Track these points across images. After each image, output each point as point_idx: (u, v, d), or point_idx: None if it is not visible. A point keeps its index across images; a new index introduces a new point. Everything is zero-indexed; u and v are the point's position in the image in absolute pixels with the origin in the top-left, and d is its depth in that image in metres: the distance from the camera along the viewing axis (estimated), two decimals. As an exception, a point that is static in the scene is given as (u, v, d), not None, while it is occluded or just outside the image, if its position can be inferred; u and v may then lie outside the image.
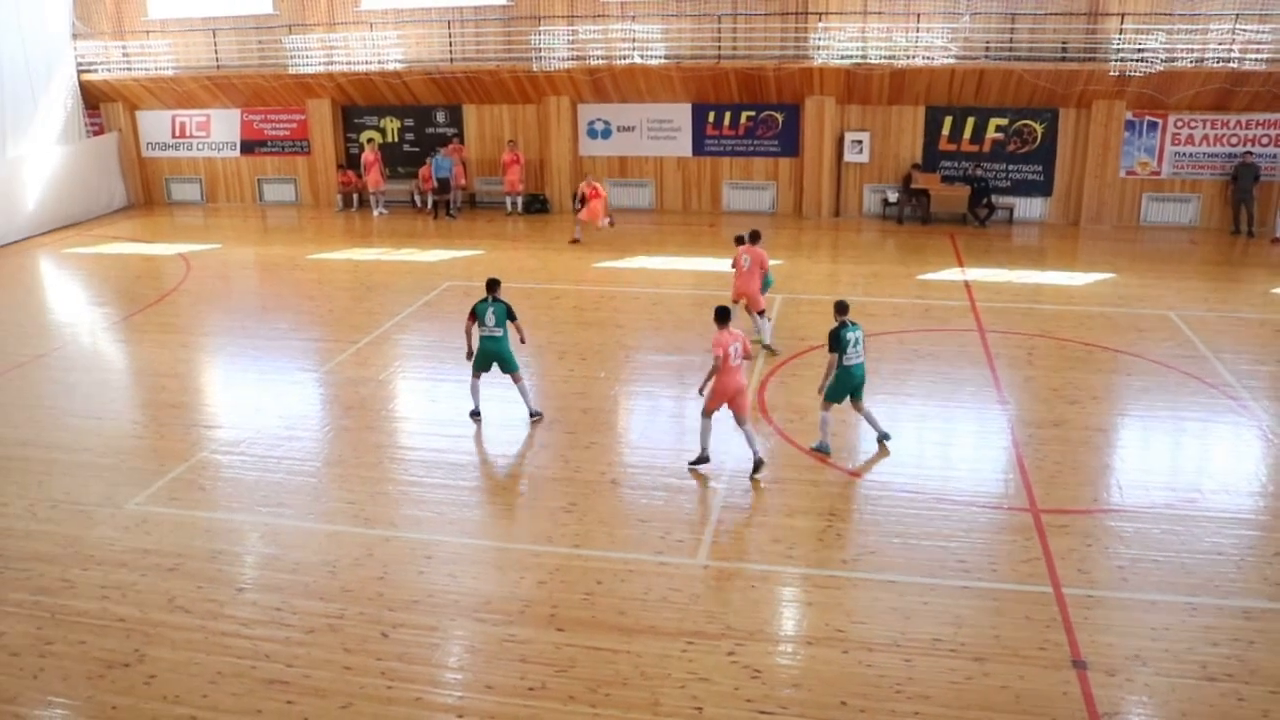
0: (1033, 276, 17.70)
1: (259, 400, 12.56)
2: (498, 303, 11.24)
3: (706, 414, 10.17)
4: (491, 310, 11.18)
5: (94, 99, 25.32)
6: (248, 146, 25.68)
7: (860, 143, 22.14)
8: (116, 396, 13.15)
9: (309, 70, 23.33)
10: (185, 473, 10.46)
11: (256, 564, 8.77)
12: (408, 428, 11.87)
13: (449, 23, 22.88)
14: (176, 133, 25.95)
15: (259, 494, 9.98)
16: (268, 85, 24.14)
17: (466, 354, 11.43)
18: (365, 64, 23.16)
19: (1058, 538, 8.78)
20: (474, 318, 11.26)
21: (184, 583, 8.36)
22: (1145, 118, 20.82)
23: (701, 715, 6.68)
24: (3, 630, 7.74)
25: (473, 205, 24.68)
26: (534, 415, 11.56)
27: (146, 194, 26.54)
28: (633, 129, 23.48)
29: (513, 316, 11.29)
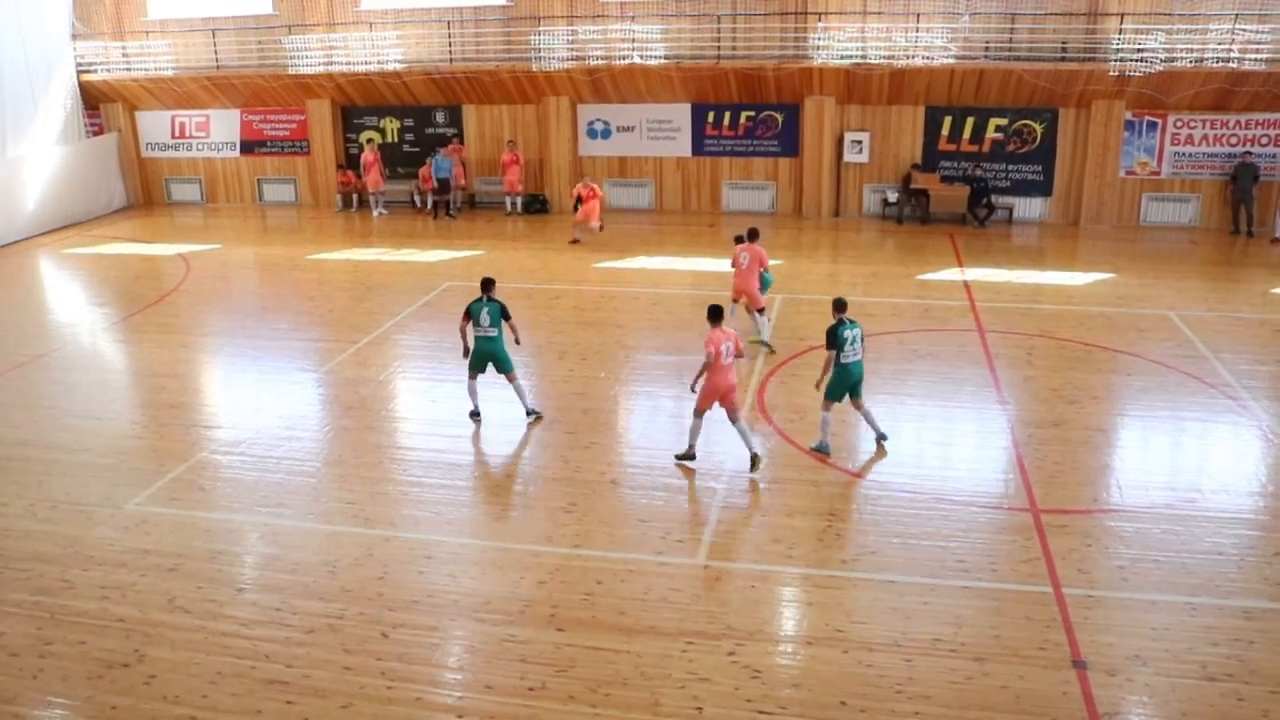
0: (1032, 276, 17.70)
1: (259, 400, 12.56)
2: (492, 302, 11.23)
3: (698, 413, 10.21)
4: (486, 310, 11.18)
5: (94, 99, 25.33)
6: (247, 147, 25.68)
7: (860, 143, 22.14)
8: (116, 397, 13.15)
9: (309, 70, 23.34)
10: (185, 473, 10.46)
11: (256, 564, 8.76)
12: (407, 428, 11.87)
13: (449, 23, 22.88)
14: (176, 133, 25.95)
15: (259, 494, 9.98)
16: (267, 85, 24.14)
17: (463, 352, 11.44)
18: (365, 64, 23.16)
19: (1058, 538, 8.78)
20: (468, 317, 11.27)
21: (184, 583, 8.36)
22: (1145, 118, 20.83)
23: (701, 715, 6.68)
24: (2, 630, 7.73)
25: (472, 205, 24.68)
26: (531, 414, 11.56)
27: (146, 194, 26.55)
28: (632, 129, 23.48)
29: (507, 316, 11.27)
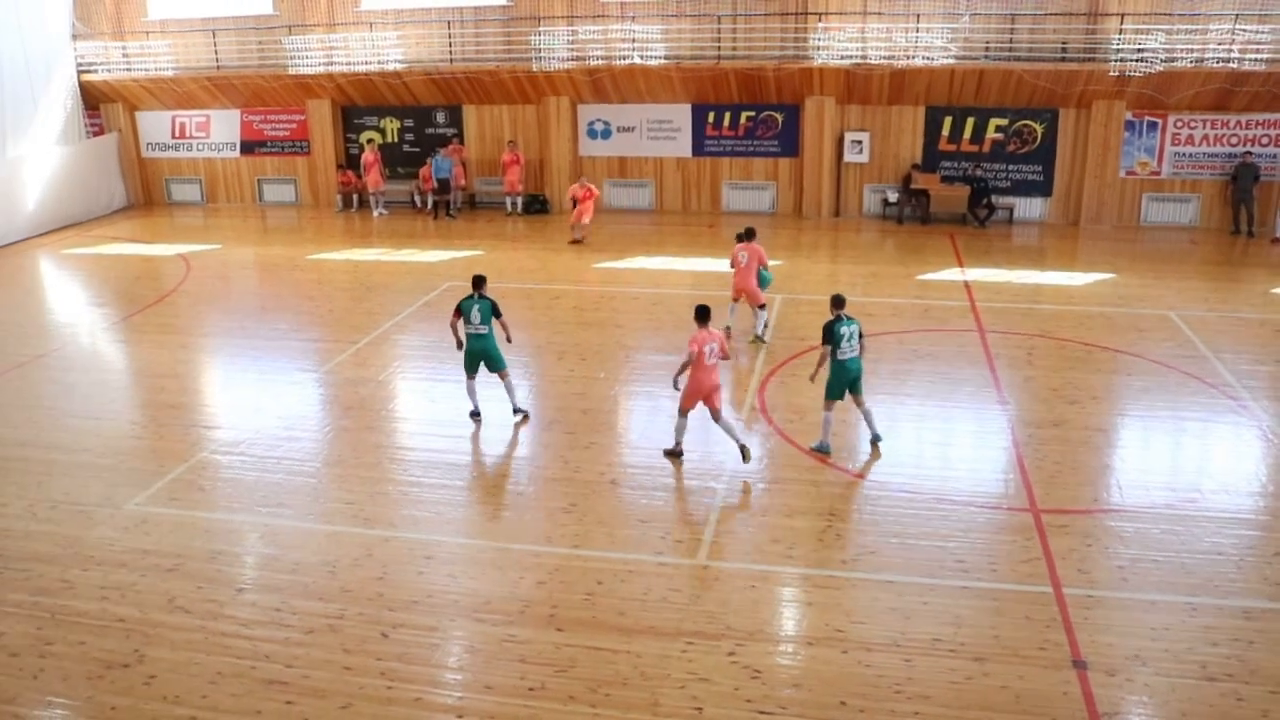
0: (1032, 277, 17.69)
1: (258, 401, 12.55)
2: (483, 300, 11.25)
3: (682, 412, 10.28)
4: (477, 308, 11.20)
5: (94, 99, 25.33)
6: (247, 147, 25.69)
7: (860, 143, 22.14)
8: (116, 397, 13.15)
9: (309, 71, 23.34)
10: (185, 473, 10.46)
11: (256, 564, 8.76)
12: (407, 428, 11.86)
13: (449, 23, 22.88)
14: (176, 133, 25.95)
15: (258, 494, 9.98)
16: (267, 86, 24.14)
17: (457, 345, 11.49)
18: (365, 64, 23.16)
19: (1058, 538, 8.78)
20: (459, 314, 11.31)
21: (183, 583, 8.36)
22: (1145, 118, 20.83)
23: (701, 715, 6.68)
24: (2, 631, 7.73)
25: (472, 206, 24.67)
26: (518, 413, 11.59)
27: (146, 194, 26.55)
28: (632, 129, 23.48)
29: (498, 314, 11.29)
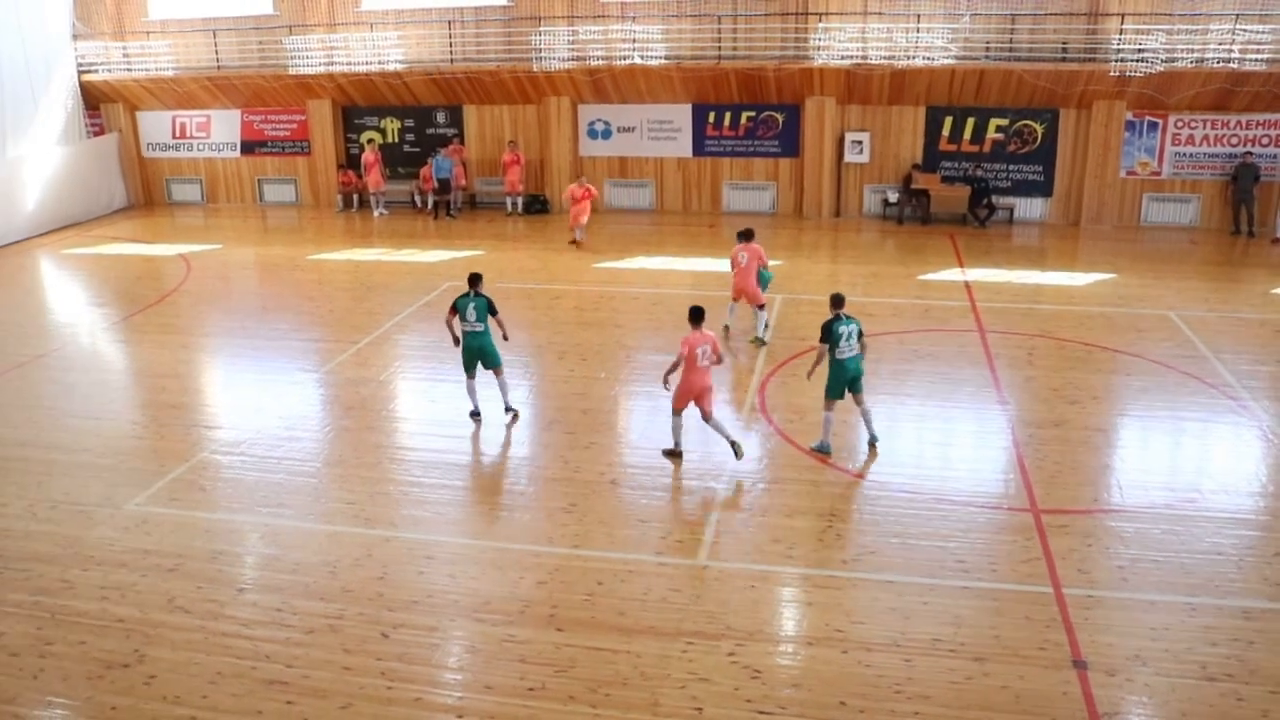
0: (1033, 277, 17.69)
1: (259, 401, 12.56)
2: (479, 297, 11.28)
3: (676, 412, 10.34)
4: (473, 305, 11.24)
5: (94, 99, 25.33)
6: (248, 147, 25.69)
7: (860, 143, 22.14)
8: (116, 397, 13.15)
9: (309, 71, 23.34)
10: (185, 473, 10.46)
11: (256, 564, 8.77)
12: (408, 428, 11.87)
13: (449, 23, 22.89)
14: (177, 133, 25.96)
15: (259, 494, 9.98)
16: (268, 86, 24.15)
17: (454, 341, 11.51)
18: (365, 64, 23.17)
19: (1058, 538, 8.78)
20: (455, 312, 11.34)
21: (184, 583, 8.36)
22: (1145, 118, 20.82)
23: (701, 715, 6.68)
24: (2, 631, 7.74)
25: (473, 206, 24.68)
26: (509, 411, 11.63)
27: (147, 194, 26.55)
28: (633, 129, 23.48)
29: (494, 311, 11.33)
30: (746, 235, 13.98)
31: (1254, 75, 19.11)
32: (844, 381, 10.32)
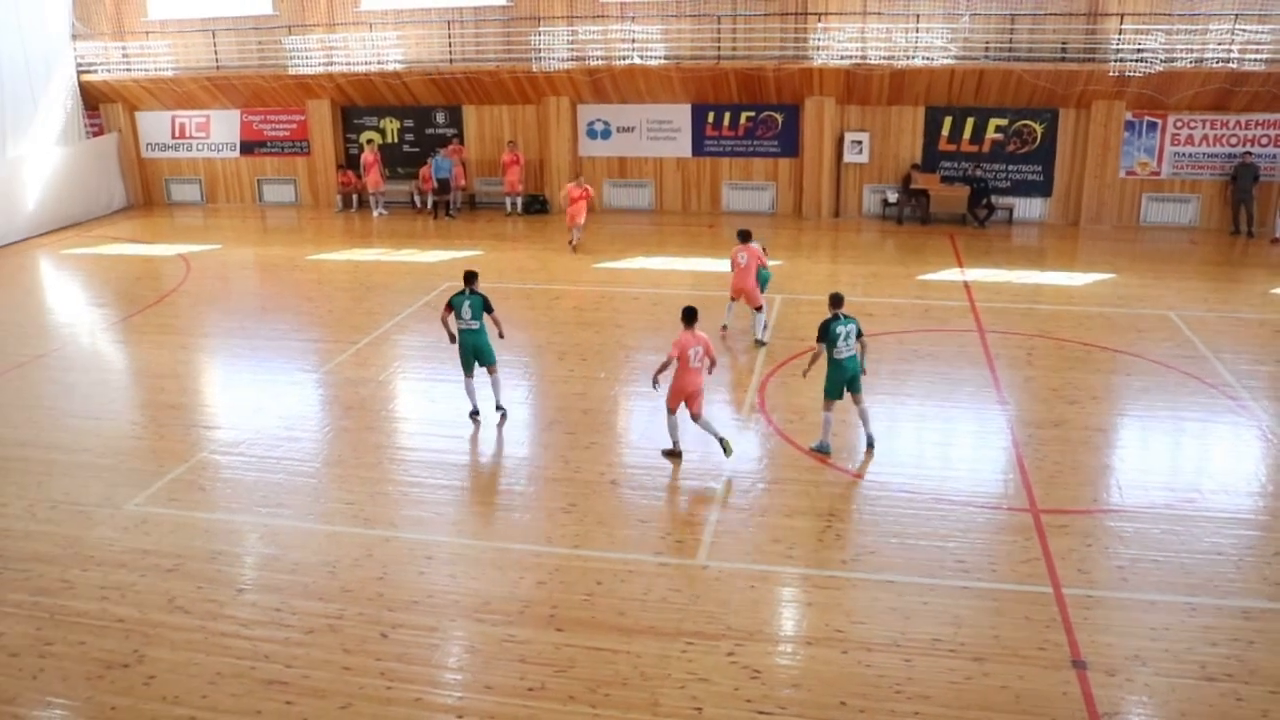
0: (1032, 277, 17.69)
1: (258, 401, 12.56)
2: (474, 295, 11.32)
3: (671, 411, 10.35)
4: (468, 303, 11.27)
5: (93, 100, 25.33)
6: (247, 147, 25.69)
7: (860, 143, 22.14)
8: (116, 397, 13.15)
9: (309, 71, 23.34)
10: (185, 473, 10.46)
11: (256, 565, 8.76)
12: (407, 428, 11.87)
13: (449, 23, 22.89)
14: (176, 133, 25.96)
15: (258, 495, 9.98)
16: (267, 86, 24.15)
17: (450, 338, 11.54)
18: (365, 65, 23.17)
19: (1057, 538, 8.78)
20: (450, 309, 11.38)
21: (183, 583, 8.36)
22: (1145, 118, 20.83)
23: (701, 715, 6.68)
24: (2, 631, 7.73)
25: (472, 206, 24.67)
26: (499, 410, 11.66)
27: (146, 195, 26.55)
28: (632, 129, 23.48)
29: (489, 309, 11.36)
30: (745, 236, 14.03)
31: (1253, 75, 19.12)
32: (842, 381, 10.32)
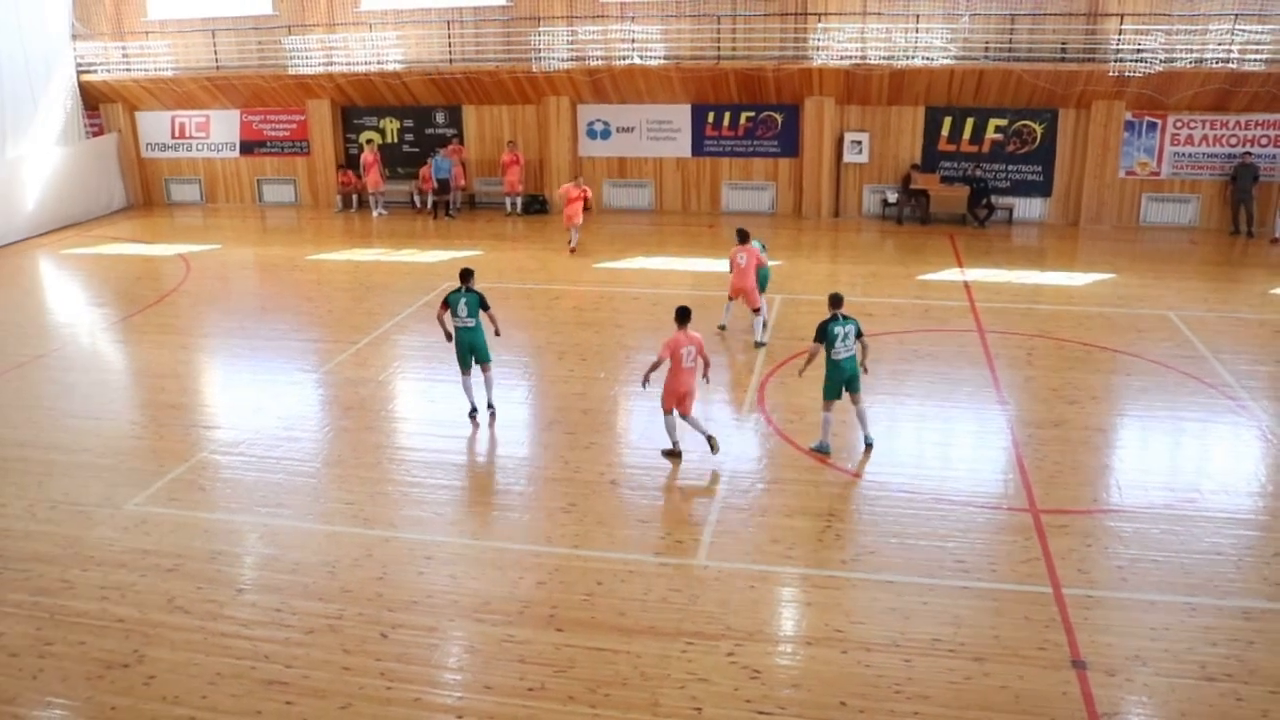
0: (1032, 277, 17.70)
1: (258, 401, 12.55)
2: (470, 293, 11.36)
3: (667, 412, 10.35)
4: (464, 301, 11.32)
5: (93, 100, 25.33)
6: (247, 147, 25.69)
7: (860, 143, 22.14)
8: (116, 397, 13.14)
9: (308, 71, 23.35)
10: (184, 473, 10.46)
11: (256, 565, 8.76)
12: (407, 428, 11.87)
13: (448, 23, 22.89)
14: (176, 133, 25.96)
15: (258, 495, 9.98)
16: (267, 86, 24.14)
17: (446, 337, 11.58)
18: (365, 65, 23.17)
19: (1057, 538, 8.78)
20: (446, 307, 11.42)
21: (183, 583, 8.36)
22: (1144, 118, 20.83)
23: (701, 715, 6.68)
24: (2, 631, 7.73)
25: (472, 206, 24.68)
26: (490, 408, 11.70)
27: (146, 195, 26.55)
28: (632, 130, 23.48)
29: (486, 306, 11.42)
30: (744, 236, 14.03)
31: (1253, 75, 19.13)
32: (840, 382, 10.32)
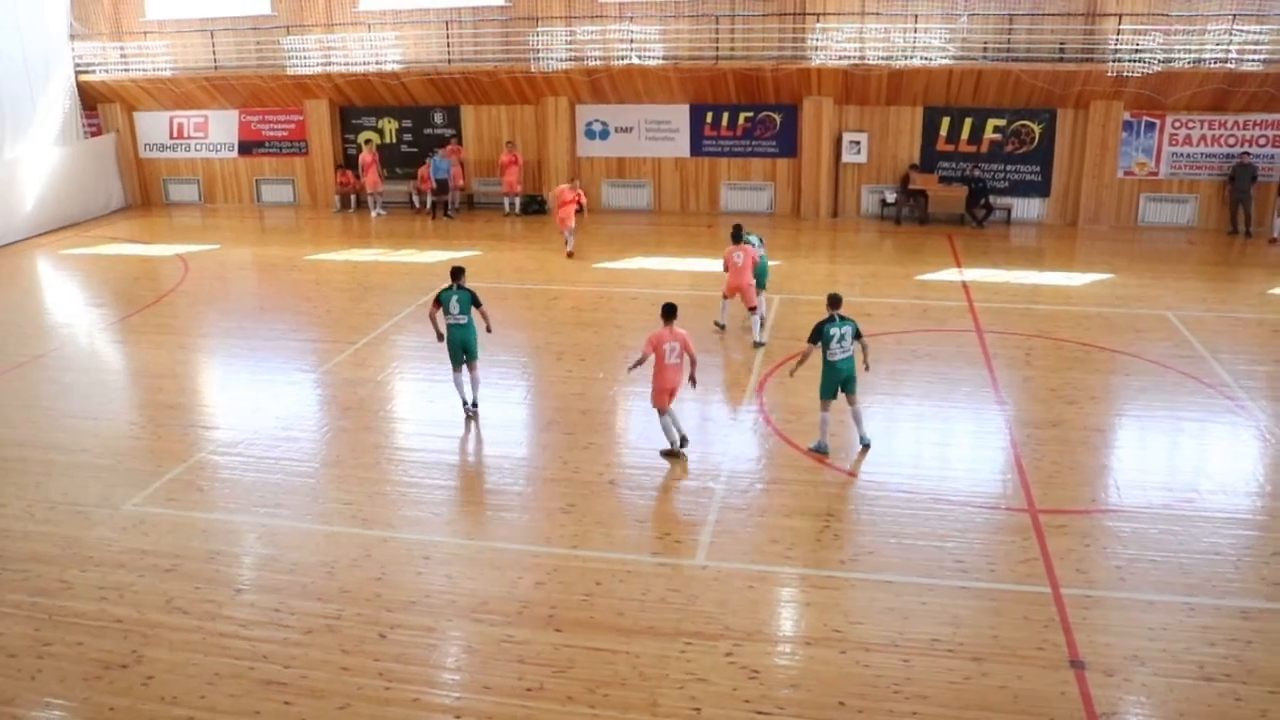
0: (1031, 277, 17.70)
1: (257, 401, 12.55)
2: (462, 290, 11.44)
3: (661, 411, 10.41)
4: (456, 298, 11.40)
5: (92, 100, 25.31)
6: (245, 147, 25.67)
7: (858, 143, 22.15)
8: (114, 397, 13.13)
9: (307, 71, 23.34)
10: (183, 474, 10.45)
11: (254, 565, 8.76)
12: (405, 428, 11.86)
13: (447, 23, 22.88)
14: (174, 133, 25.94)
15: (257, 495, 9.97)
16: (265, 86, 24.13)
17: (437, 337, 11.63)
18: (363, 65, 23.16)
19: (1056, 538, 8.78)
20: (438, 304, 11.48)
21: (182, 584, 8.35)
22: (1143, 118, 20.84)
23: (700, 716, 6.68)
24: (1, 631, 7.72)
25: (471, 206, 24.67)
26: (474, 405, 11.73)
27: (144, 195, 26.53)
28: (630, 130, 23.48)
29: (477, 303, 11.49)
30: (738, 234, 14.06)
31: (1251, 76, 19.14)
32: (836, 382, 10.32)
